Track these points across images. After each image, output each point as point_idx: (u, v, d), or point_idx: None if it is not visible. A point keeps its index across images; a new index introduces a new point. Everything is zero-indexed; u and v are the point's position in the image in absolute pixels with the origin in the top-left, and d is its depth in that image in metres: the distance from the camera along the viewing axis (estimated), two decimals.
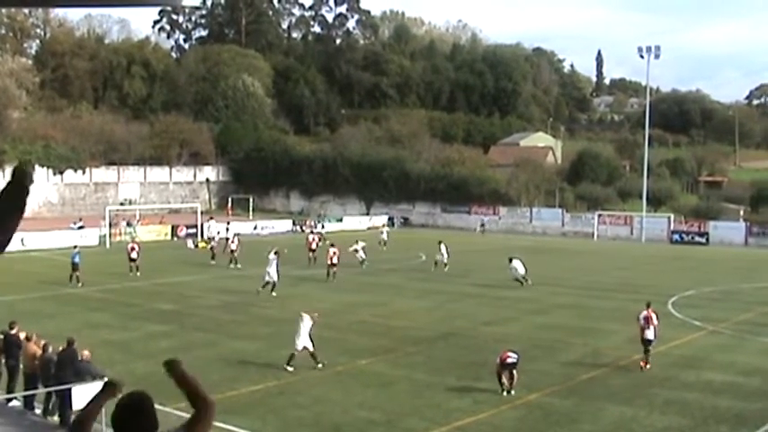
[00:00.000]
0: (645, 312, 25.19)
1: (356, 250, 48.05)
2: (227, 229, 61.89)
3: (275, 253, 37.93)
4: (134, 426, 3.78)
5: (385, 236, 59.53)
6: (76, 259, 40.79)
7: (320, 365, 23.55)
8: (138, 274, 43.74)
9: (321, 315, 25.40)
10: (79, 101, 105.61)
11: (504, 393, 21.28)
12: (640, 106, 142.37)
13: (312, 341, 23.79)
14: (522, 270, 41.02)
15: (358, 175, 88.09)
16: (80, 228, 63.23)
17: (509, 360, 21.55)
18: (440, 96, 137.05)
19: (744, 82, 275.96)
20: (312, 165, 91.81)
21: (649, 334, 24.65)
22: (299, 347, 23.67)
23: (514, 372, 21.58)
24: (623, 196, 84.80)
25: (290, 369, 23.28)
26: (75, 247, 43.48)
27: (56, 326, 26.96)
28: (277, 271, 37.57)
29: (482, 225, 76.27)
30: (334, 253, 42.72)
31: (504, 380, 21.49)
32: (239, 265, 47.27)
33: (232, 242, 49.52)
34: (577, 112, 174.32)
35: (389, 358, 25.08)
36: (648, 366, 24.16)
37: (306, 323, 23.91)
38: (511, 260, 41.33)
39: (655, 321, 25.03)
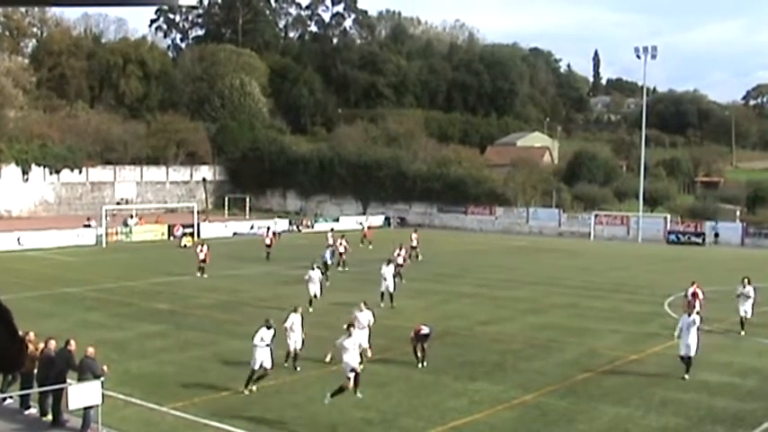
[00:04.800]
0: (692, 289, 29.23)
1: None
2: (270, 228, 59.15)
3: (389, 263, 35.74)
4: None
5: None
6: (328, 259, 41.42)
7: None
8: (205, 275, 42.25)
9: (317, 315, 25.37)
10: (76, 100, 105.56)
11: (419, 365, 23.71)
12: (637, 106, 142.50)
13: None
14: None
15: (354, 174, 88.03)
16: (87, 227, 63.09)
17: (422, 332, 23.93)
18: (436, 96, 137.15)
19: (733, 83, 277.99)
20: (308, 164, 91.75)
21: (696, 306, 27.47)
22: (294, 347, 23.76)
23: (426, 345, 23.97)
24: (620, 196, 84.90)
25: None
26: (329, 246, 43.83)
27: (52, 325, 26.88)
28: (394, 280, 35.30)
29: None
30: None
31: (419, 352, 23.95)
32: (347, 268, 45.70)
33: (340, 245, 46.98)
34: (574, 113, 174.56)
35: (385, 358, 25.02)
36: None
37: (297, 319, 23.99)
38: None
39: (701, 296, 28.87)
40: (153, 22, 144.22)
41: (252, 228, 71.19)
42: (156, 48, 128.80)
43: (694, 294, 28.95)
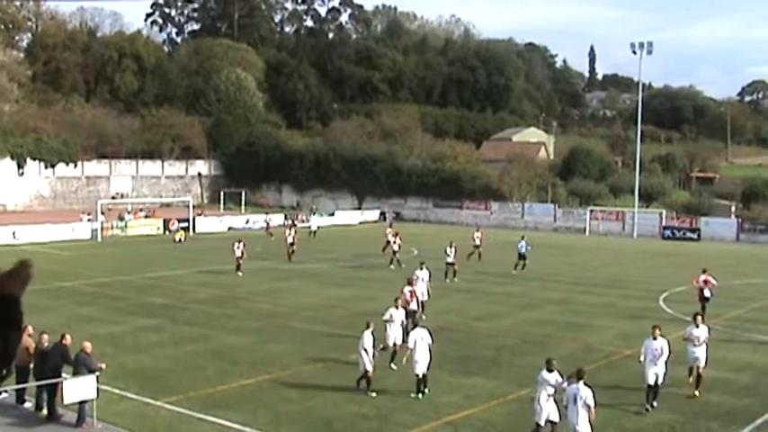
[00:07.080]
0: (703, 276, 30.91)
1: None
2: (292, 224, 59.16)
3: (422, 266, 32.41)
4: None
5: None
6: (523, 249, 43.39)
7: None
8: (240, 273, 41.80)
9: (312, 309, 25.31)
10: (71, 94, 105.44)
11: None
12: (632, 102, 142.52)
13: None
14: None
15: (350, 169, 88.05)
16: (89, 221, 62.99)
17: (410, 307, 24.77)
18: (432, 91, 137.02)
19: (724, 79, 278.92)
20: (304, 159, 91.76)
21: (707, 293, 30.28)
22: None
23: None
24: (615, 192, 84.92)
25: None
26: (523, 237, 45.18)
27: (46, 320, 26.82)
28: (428, 291, 31.15)
29: None
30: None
31: (409, 328, 23.52)
32: (392, 266, 44.89)
33: (394, 242, 45.89)
34: (570, 108, 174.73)
35: (380, 353, 25.00)
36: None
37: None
38: None
39: (713, 282, 30.68)
40: (148, 16, 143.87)
41: (247, 222, 71.28)
42: (152, 42, 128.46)
43: (706, 281, 30.59)
